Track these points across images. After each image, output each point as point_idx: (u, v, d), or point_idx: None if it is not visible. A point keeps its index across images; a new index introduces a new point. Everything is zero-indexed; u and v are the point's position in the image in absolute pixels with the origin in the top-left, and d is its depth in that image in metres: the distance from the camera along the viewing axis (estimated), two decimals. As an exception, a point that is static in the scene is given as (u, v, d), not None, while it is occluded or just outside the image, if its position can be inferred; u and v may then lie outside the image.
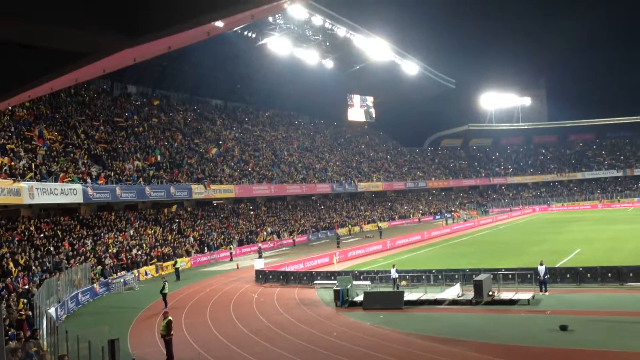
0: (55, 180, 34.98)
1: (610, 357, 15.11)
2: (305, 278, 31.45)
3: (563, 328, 17.80)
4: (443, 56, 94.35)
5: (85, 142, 44.33)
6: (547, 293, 23.69)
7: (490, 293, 23.08)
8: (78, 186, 36.26)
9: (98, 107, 52.39)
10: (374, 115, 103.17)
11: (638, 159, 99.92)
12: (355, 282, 26.76)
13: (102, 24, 7.21)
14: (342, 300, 24.40)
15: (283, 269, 34.01)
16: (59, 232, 36.74)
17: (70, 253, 34.40)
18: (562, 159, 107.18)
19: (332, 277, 29.43)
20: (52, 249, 33.67)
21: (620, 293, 23.18)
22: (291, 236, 56.80)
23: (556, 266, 28.09)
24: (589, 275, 25.36)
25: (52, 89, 12.30)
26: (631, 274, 24.55)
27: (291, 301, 26.54)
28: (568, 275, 25.81)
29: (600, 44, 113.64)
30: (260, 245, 48.80)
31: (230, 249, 47.27)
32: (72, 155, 40.67)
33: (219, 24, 9.47)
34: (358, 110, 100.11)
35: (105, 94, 56.91)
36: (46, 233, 35.67)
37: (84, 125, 46.83)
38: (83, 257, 34.45)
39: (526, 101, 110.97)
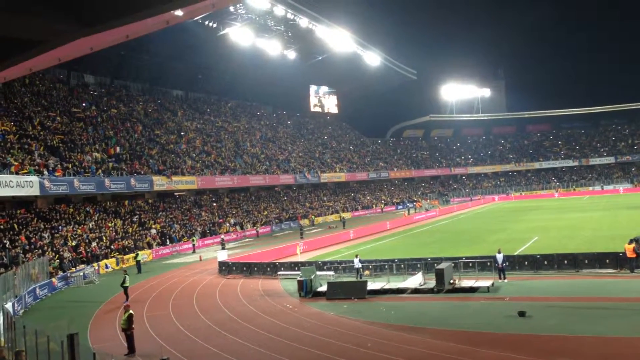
0: (10, 172, 34.04)
1: (567, 342, 15.54)
2: (269, 269, 31.42)
3: (521, 314, 18.23)
4: (404, 47, 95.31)
5: (41, 133, 43.21)
6: (506, 280, 24.21)
7: (451, 281, 23.45)
8: (34, 178, 35.37)
9: (54, 98, 51.13)
10: (336, 106, 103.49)
11: (593, 149, 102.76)
12: (318, 273, 26.82)
13: (54, 11, 7.00)
14: (306, 290, 24.45)
15: (246, 261, 33.87)
16: (15, 226, 35.83)
17: (27, 247, 33.61)
18: (520, 149, 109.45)
19: (296, 268, 29.47)
20: (7, 242, 32.81)
21: (576, 279, 23.83)
22: (254, 227, 56.59)
23: (514, 254, 28.68)
24: (546, 262, 25.99)
25: (6, 78, 11.94)
26: (586, 261, 25.27)
27: (255, 292, 26.48)
28: (526, 263, 26.40)
29: (556, 37, 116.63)
30: (223, 236, 48.48)
31: (193, 240, 46.85)
32: (27, 146, 39.62)
33: (179, 12, 9.32)
34: (320, 101, 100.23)
35: (62, 83, 55.54)
36: (1, 226, 34.73)
37: (39, 115, 45.64)
38: (40, 250, 33.70)
39: (485, 92, 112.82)
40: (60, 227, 38.63)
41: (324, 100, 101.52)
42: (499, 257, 24.69)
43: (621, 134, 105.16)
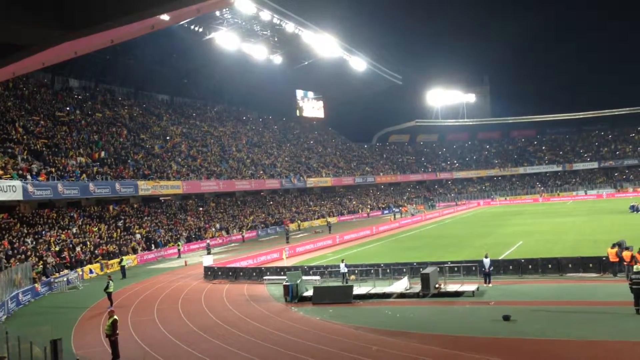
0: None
1: (551, 345, 15.65)
2: (254, 274, 31.34)
3: (506, 318, 18.33)
4: (390, 53, 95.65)
5: (25, 137, 42.81)
6: (490, 284, 24.33)
7: (436, 286, 23.53)
8: (17, 183, 35.03)
9: (38, 101, 50.71)
10: (322, 111, 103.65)
11: (576, 155, 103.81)
12: (304, 277, 26.83)
13: (37, 15, 6.95)
14: (292, 295, 24.41)
15: (232, 265, 33.77)
16: (-3, 231, 35.43)
17: (10, 252, 33.24)
18: (504, 154, 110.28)
19: (282, 273, 29.42)
20: (-10, 248, 32.42)
21: (560, 283, 24.02)
22: (240, 232, 56.43)
23: (499, 258, 28.84)
24: (530, 266, 26.17)
25: (-12, 82, 11.82)
26: (570, 265, 25.50)
27: (240, 297, 26.39)
28: (511, 267, 26.57)
29: (540, 44, 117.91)
30: (208, 241, 48.30)
31: (178, 245, 46.61)
32: (10, 150, 39.22)
33: (164, 17, 9.31)
34: (307, 105, 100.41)
35: (46, 87, 55.12)
36: (-17, 232, 34.31)
37: (23, 119, 45.22)
38: (24, 255, 33.34)
39: (471, 98, 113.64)
40: (43, 232, 38.26)
41: (310, 105, 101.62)
42: (486, 261, 24.76)
43: (604, 140, 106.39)
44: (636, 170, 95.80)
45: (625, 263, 22.97)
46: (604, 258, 24.78)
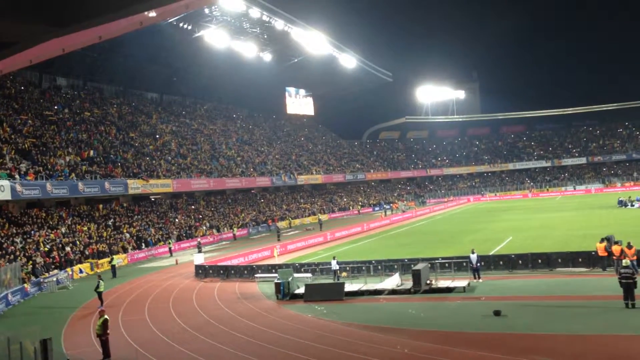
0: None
1: (542, 340, 15.74)
2: (246, 272, 31.30)
3: (497, 313, 18.41)
4: (380, 49, 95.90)
5: (12, 136, 42.46)
6: (481, 280, 24.44)
7: (428, 282, 23.60)
8: (5, 182, 34.76)
9: (25, 100, 50.28)
10: (312, 108, 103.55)
11: (565, 150, 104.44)
12: (296, 275, 26.80)
13: (25, 12, 6.86)
14: (283, 293, 24.40)
15: (223, 264, 33.69)
16: (-14, 231, 35.12)
17: (-2, 252, 32.97)
18: (494, 150, 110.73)
19: (273, 270, 29.41)
20: (-22, 248, 32.13)
21: (550, 278, 24.16)
22: (231, 230, 56.30)
23: (489, 254, 28.98)
24: (520, 262, 26.31)
25: (-26, 80, 11.70)
26: (559, 260, 25.67)
27: (232, 295, 26.34)
28: (501, 263, 26.69)
29: (529, 41, 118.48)
30: (199, 240, 48.15)
31: (169, 244, 46.44)
32: (-2, 150, 38.93)
33: (152, 14, 9.23)
34: (297, 103, 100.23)
35: (33, 86, 54.67)
36: (-29, 232, 34.00)
37: (10, 119, 44.83)
38: (12, 255, 33.08)
39: (460, 94, 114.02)
40: (32, 232, 37.98)
41: (300, 102, 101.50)
42: (473, 257, 24.93)
43: (592, 135, 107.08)
44: (624, 165, 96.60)
45: (614, 257, 23.10)
46: (593, 253, 24.96)
